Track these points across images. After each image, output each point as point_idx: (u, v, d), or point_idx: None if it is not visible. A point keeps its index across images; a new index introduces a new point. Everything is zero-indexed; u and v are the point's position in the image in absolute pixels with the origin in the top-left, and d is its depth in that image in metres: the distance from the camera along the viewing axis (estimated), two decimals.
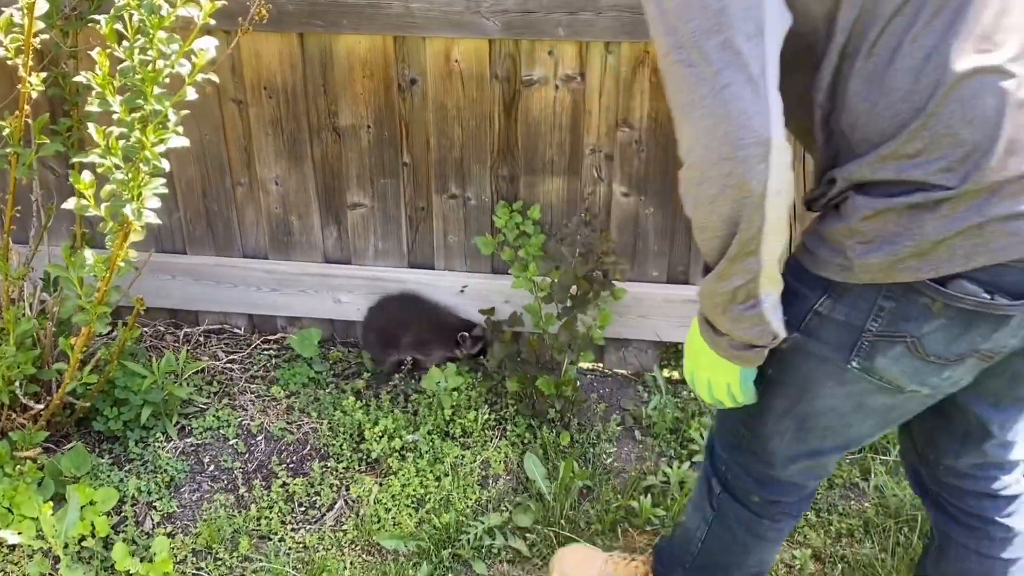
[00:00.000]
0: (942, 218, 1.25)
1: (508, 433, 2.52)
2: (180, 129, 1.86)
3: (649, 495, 2.33)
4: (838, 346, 1.39)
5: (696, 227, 1.30)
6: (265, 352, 2.84)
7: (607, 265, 2.45)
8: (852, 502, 2.34)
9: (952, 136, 1.23)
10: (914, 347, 1.34)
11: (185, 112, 1.90)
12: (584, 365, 2.77)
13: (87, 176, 1.82)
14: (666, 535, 2.04)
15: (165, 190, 1.91)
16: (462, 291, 2.73)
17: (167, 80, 1.80)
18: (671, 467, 2.39)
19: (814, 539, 2.23)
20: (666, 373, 2.73)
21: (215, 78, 1.86)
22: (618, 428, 2.55)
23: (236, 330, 2.93)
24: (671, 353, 2.76)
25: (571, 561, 2.10)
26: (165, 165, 1.85)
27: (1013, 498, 1.67)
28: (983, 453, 1.62)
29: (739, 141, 1.18)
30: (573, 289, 2.45)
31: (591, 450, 2.49)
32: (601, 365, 2.81)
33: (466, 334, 2.65)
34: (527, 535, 2.24)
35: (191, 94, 1.81)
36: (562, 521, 2.24)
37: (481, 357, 2.66)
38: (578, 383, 2.60)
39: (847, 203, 1.32)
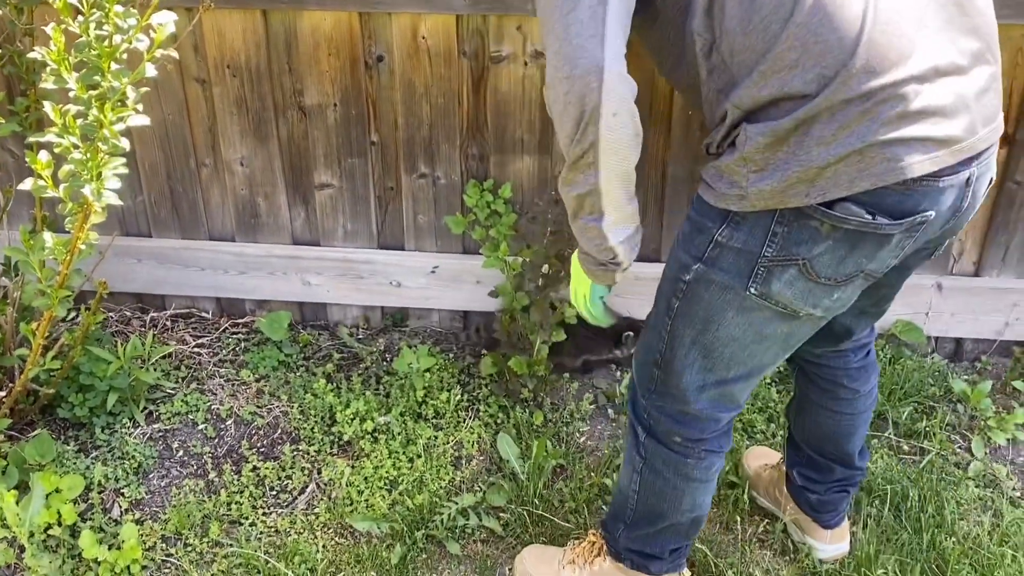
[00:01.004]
0: (824, 144, 1.35)
1: (481, 413, 2.50)
2: (140, 107, 1.81)
3: None
4: (737, 273, 1.49)
5: (557, 136, 1.45)
6: (234, 336, 2.80)
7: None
8: None
9: (821, 42, 1.32)
10: (806, 269, 1.46)
11: (145, 90, 1.85)
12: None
13: (44, 156, 1.77)
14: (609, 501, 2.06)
15: (126, 170, 1.86)
16: (433, 272, 2.70)
17: (125, 56, 1.76)
18: None
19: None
20: None
21: (175, 54, 1.81)
22: (591, 407, 2.55)
23: (204, 314, 2.88)
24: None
25: (531, 558, 2.07)
26: (125, 144, 1.80)
27: (861, 367, 1.94)
28: (840, 346, 1.89)
29: (575, 61, 1.35)
30: (545, 268, 2.43)
31: (564, 429, 2.48)
32: None
33: (631, 333, 2.59)
34: (501, 515, 2.23)
35: (150, 71, 1.76)
36: (535, 500, 2.23)
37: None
38: (551, 363, 2.59)
39: (740, 135, 1.42)
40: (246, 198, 2.70)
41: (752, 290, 1.49)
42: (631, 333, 2.61)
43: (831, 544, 2.12)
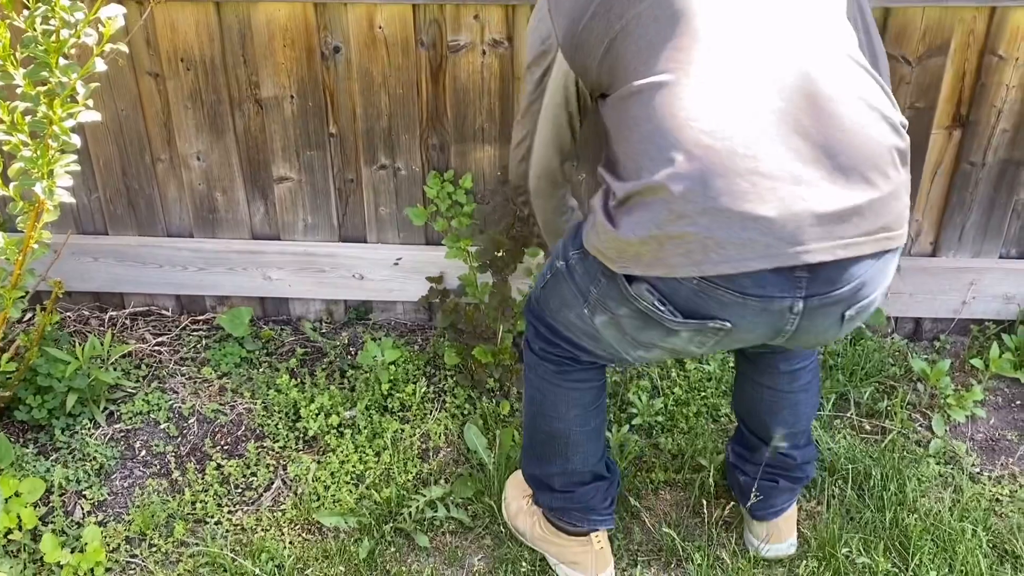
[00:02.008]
0: (632, 223, 1.45)
1: (447, 405, 2.50)
2: (91, 103, 1.78)
3: None
4: (577, 291, 1.69)
5: None
6: (195, 333, 2.77)
7: (537, 232, 2.42)
8: None
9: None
10: (615, 323, 1.63)
11: (95, 85, 1.81)
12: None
13: None
14: None
15: (77, 167, 1.83)
16: (396, 264, 2.68)
17: (73, 52, 1.72)
18: (610, 431, 2.39)
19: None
20: None
21: (125, 48, 1.78)
22: None
23: (164, 311, 2.84)
24: None
25: (513, 482, 2.18)
26: (76, 140, 1.77)
27: (796, 354, 1.96)
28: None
29: None
30: (499, 252, 2.42)
31: None
32: None
33: None
34: (469, 506, 2.23)
35: (100, 65, 1.73)
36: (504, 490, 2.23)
37: None
38: (516, 352, 2.58)
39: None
40: (204, 193, 2.67)
41: (586, 310, 1.69)
42: None
43: (765, 542, 2.08)
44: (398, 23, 2.39)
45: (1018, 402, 2.53)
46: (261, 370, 2.62)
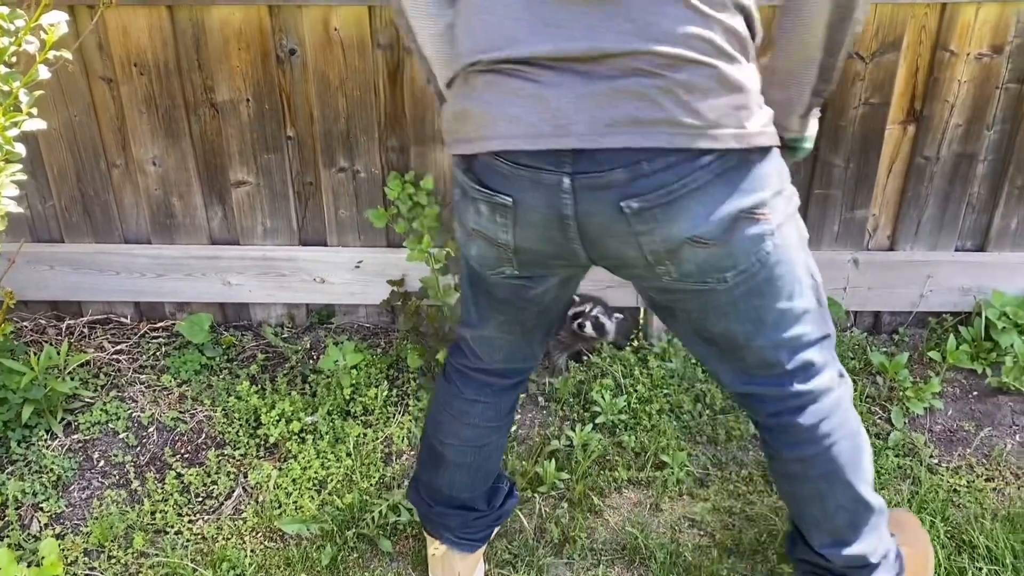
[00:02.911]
0: (450, 96, 1.49)
1: (411, 408, 2.48)
2: (35, 111, 1.74)
3: (554, 460, 2.33)
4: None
5: None
6: (154, 340, 2.74)
7: None
8: (750, 453, 2.39)
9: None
10: (457, 212, 1.58)
11: (39, 93, 1.78)
12: None
13: None
14: None
15: (24, 176, 1.79)
16: (358, 266, 2.67)
17: (15, 59, 1.69)
18: (575, 430, 2.39)
19: (713, 493, 2.27)
20: None
21: (68, 55, 1.75)
22: (521, 395, 2.54)
23: (122, 319, 2.81)
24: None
25: None
26: (20, 150, 1.73)
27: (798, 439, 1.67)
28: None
29: None
30: None
31: None
32: None
33: (583, 320, 2.56)
34: None
35: (44, 73, 1.69)
36: None
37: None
38: None
39: None
40: (160, 199, 2.63)
41: (456, 225, 1.63)
42: (584, 321, 2.60)
43: None
44: (354, 25, 2.38)
45: (975, 393, 2.56)
46: (221, 377, 2.60)
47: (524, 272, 1.59)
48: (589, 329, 2.55)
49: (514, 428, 2.47)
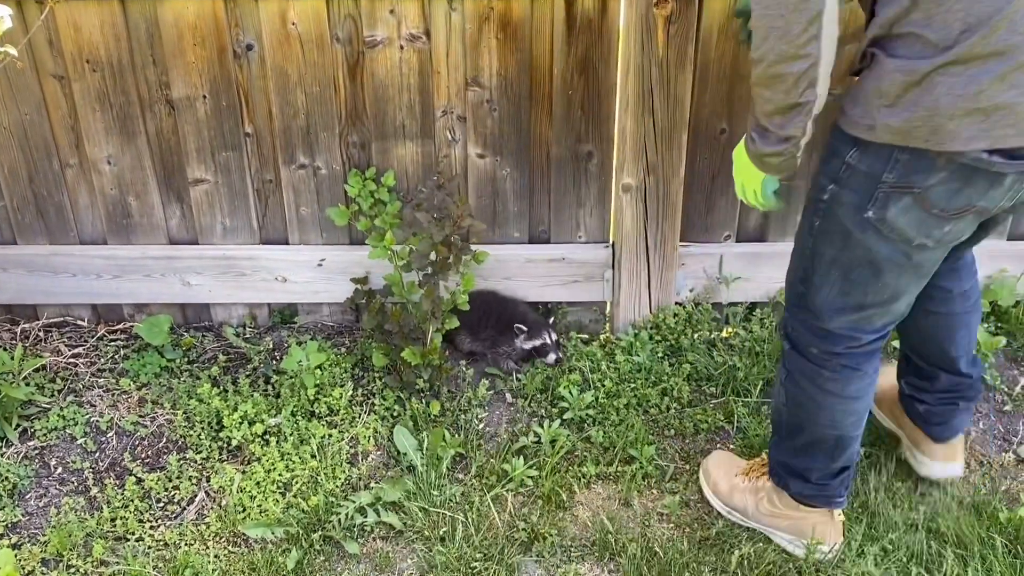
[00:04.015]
0: (954, 96, 1.44)
1: (376, 407, 2.45)
2: None
3: (522, 456, 2.31)
4: (862, 193, 1.62)
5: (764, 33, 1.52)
6: (112, 343, 2.68)
7: (464, 229, 2.40)
8: (718, 446, 2.39)
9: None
10: (921, 199, 1.57)
11: None
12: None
13: None
14: None
15: None
16: (320, 265, 2.63)
17: None
18: (542, 426, 2.37)
19: (682, 486, 2.26)
20: None
21: (13, 51, 1.69)
22: (489, 392, 2.52)
23: (79, 322, 2.74)
24: (538, 313, 2.73)
25: (715, 460, 2.23)
26: None
27: (953, 269, 2.00)
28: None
29: None
30: (432, 255, 2.39)
31: (462, 417, 2.45)
32: None
33: (521, 326, 2.56)
34: (400, 509, 2.19)
35: None
36: (433, 492, 2.20)
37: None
38: (447, 350, 2.55)
39: (875, 62, 1.53)
40: (116, 198, 2.58)
41: (870, 213, 1.63)
42: (522, 326, 2.58)
43: (941, 462, 2.18)
44: (312, 19, 2.34)
45: None
46: (182, 379, 2.55)
47: (968, 234, 1.69)
48: (552, 358, 2.58)
49: (481, 425, 2.45)
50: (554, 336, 2.60)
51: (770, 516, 2.10)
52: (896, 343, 2.39)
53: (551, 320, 2.68)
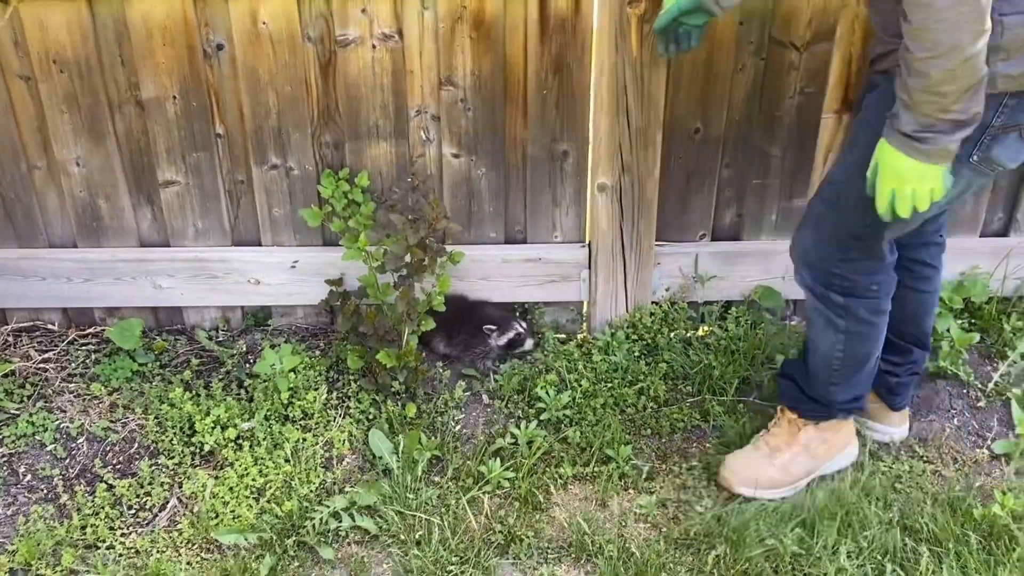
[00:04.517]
0: None
1: (351, 411, 2.43)
2: None
3: (499, 458, 2.30)
4: (966, 143, 1.69)
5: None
6: (83, 348, 2.64)
7: (439, 230, 2.38)
8: (694, 445, 2.39)
9: None
10: (1021, 133, 1.75)
11: None
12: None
13: None
14: (792, 381, 2.24)
15: None
16: (293, 266, 2.60)
17: None
18: (519, 428, 2.36)
19: (658, 486, 2.26)
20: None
21: None
22: (465, 394, 2.51)
23: (49, 326, 2.71)
24: (518, 315, 2.72)
25: (738, 465, 2.24)
26: None
27: (938, 244, 2.23)
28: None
29: None
30: (407, 258, 2.37)
31: (439, 419, 2.43)
32: None
33: (492, 327, 2.56)
34: (375, 513, 2.17)
35: None
36: (409, 495, 2.18)
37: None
38: (423, 350, 2.54)
39: (996, 27, 1.59)
40: (86, 201, 2.54)
41: (974, 158, 1.77)
42: (494, 327, 2.57)
43: (899, 426, 2.38)
44: (283, 18, 2.31)
45: None
46: (154, 384, 2.51)
47: None
48: (530, 344, 2.62)
49: (457, 427, 2.43)
50: (524, 324, 2.61)
51: (826, 452, 2.25)
52: None
53: (518, 313, 2.69)
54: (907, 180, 1.70)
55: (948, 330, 2.60)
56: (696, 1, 1.95)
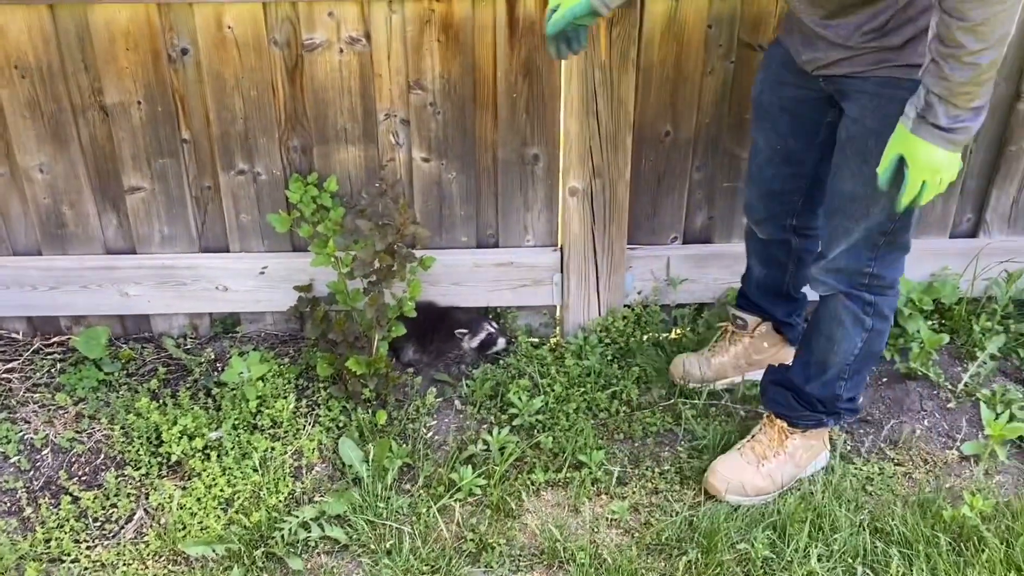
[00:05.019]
0: None
1: (321, 419, 2.41)
2: None
3: (471, 465, 2.29)
4: None
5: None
6: (48, 357, 2.60)
7: (407, 235, 2.36)
8: (667, 448, 2.38)
9: None
10: None
11: None
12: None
13: None
14: (784, 389, 2.24)
15: None
16: (262, 273, 2.58)
17: None
18: (491, 434, 2.35)
19: (631, 491, 2.25)
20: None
21: None
22: (437, 400, 2.49)
23: (14, 335, 2.66)
24: (489, 318, 2.70)
25: (725, 469, 2.24)
26: None
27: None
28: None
29: None
30: (376, 263, 2.35)
31: (410, 426, 2.41)
32: None
33: (464, 331, 2.56)
34: (345, 523, 2.15)
35: None
36: (380, 504, 2.16)
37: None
38: (392, 359, 2.51)
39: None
40: (50, 207, 2.50)
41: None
42: (465, 330, 2.56)
43: None
44: (248, 22, 2.29)
45: (884, 379, 2.60)
46: (120, 393, 2.48)
47: None
48: (502, 343, 2.62)
49: (429, 434, 2.42)
50: (495, 325, 2.62)
51: (809, 458, 2.29)
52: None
53: (490, 317, 2.68)
54: (940, 170, 1.73)
55: (918, 331, 2.61)
56: (588, 6, 1.98)
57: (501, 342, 2.61)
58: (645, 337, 2.66)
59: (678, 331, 2.70)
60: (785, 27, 2.06)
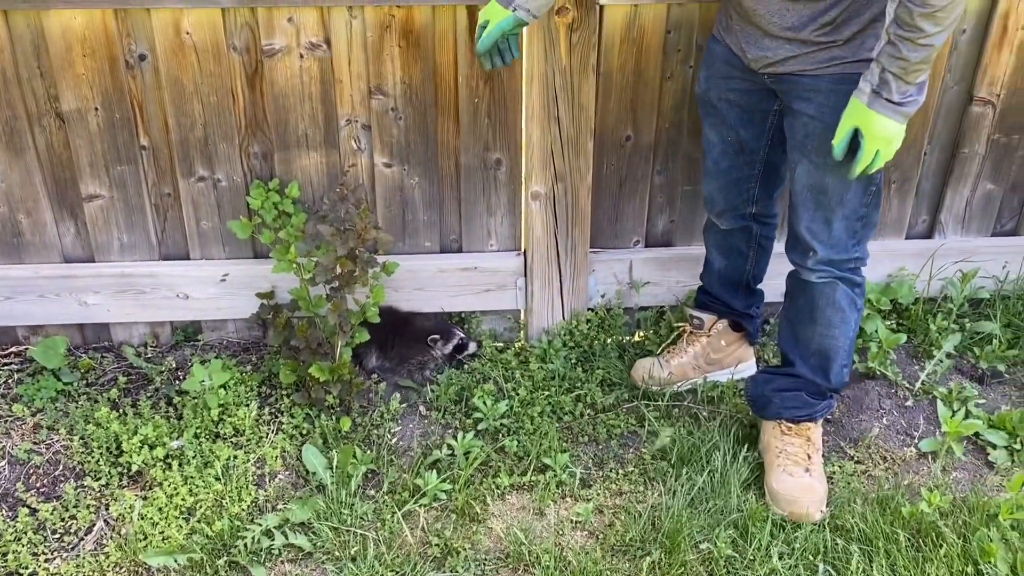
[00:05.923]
0: None
1: (284, 426, 2.39)
2: None
3: (435, 470, 2.28)
4: None
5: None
6: (5, 367, 2.56)
7: (369, 240, 2.36)
8: (631, 450, 2.40)
9: None
10: None
11: None
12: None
13: None
14: (796, 392, 2.27)
15: None
16: (223, 280, 2.56)
17: None
18: (456, 439, 2.35)
19: (595, 493, 2.26)
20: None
21: None
22: (402, 406, 2.49)
23: None
24: (453, 322, 2.71)
25: (798, 492, 2.21)
26: None
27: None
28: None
29: None
30: (337, 268, 2.34)
31: (375, 432, 2.41)
32: None
33: (437, 336, 2.57)
34: (309, 530, 2.14)
35: None
36: (344, 511, 2.15)
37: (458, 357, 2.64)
38: (355, 365, 2.51)
39: None
40: (5, 216, 2.47)
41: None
42: (437, 336, 2.56)
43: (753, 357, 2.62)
44: (207, 28, 2.27)
45: None
46: (79, 403, 2.44)
47: None
48: (473, 347, 2.65)
49: (394, 440, 2.41)
50: (461, 331, 2.64)
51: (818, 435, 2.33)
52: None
53: (454, 322, 2.71)
54: (892, 140, 1.86)
55: (876, 331, 2.65)
56: (515, 20, 2.03)
57: (472, 346, 2.63)
58: (609, 340, 2.67)
59: (641, 334, 2.72)
60: (723, 25, 2.12)
